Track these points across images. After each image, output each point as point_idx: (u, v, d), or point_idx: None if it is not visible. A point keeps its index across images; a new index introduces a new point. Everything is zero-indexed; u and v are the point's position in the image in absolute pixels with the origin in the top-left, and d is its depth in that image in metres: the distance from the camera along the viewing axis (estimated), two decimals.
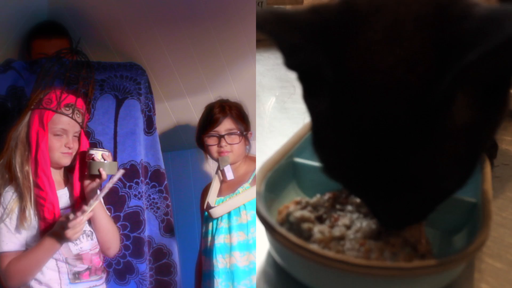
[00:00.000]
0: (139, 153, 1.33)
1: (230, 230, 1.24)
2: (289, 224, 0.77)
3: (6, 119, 1.19)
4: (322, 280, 0.68)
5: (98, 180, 1.12)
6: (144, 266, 1.28)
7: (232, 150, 1.31)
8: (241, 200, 1.25)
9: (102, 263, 1.18)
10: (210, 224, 1.28)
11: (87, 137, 1.24)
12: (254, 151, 1.34)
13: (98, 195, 1.08)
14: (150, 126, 1.37)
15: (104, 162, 1.12)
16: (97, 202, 1.07)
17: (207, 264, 1.26)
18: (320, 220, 0.78)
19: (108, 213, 1.20)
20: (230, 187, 1.31)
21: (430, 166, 0.56)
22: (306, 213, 0.77)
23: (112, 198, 1.26)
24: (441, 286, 0.68)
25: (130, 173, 1.30)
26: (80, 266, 1.11)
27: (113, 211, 1.26)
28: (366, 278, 0.62)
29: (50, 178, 1.10)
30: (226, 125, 1.31)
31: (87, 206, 1.05)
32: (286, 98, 1.46)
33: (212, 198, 1.30)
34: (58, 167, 1.15)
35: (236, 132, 1.31)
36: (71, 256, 1.10)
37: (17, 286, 1.06)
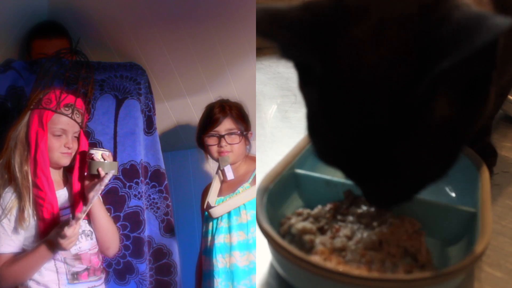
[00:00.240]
0: (139, 153, 1.33)
1: (230, 229, 1.24)
2: (291, 236, 0.78)
3: (6, 119, 1.19)
4: None
5: (97, 180, 1.12)
6: (144, 266, 1.28)
7: (232, 150, 1.31)
8: (241, 199, 1.25)
9: (101, 264, 1.18)
10: (210, 223, 1.28)
11: (87, 137, 1.23)
12: (254, 151, 1.34)
13: (90, 200, 1.07)
14: (150, 126, 1.37)
15: (103, 161, 1.11)
16: (89, 207, 1.06)
17: (207, 263, 1.26)
18: (321, 231, 0.79)
19: (107, 212, 1.19)
20: (230, 187, 1.31)
21: (412, 156, 0.59)
22: (307, 224, 0.78)
23: (112, 198, 1.26)
24: None
25: (130, 173, 1.30)
26: (78, 266, 1.11)
27: (113, 211, 1.25)
28: None
29: (49, 178, 1.10)
30: (226, 125, 1.31)
31: (80, 213, 1.04)
32: (287, 107, 1.46)
33: (212, 198, 1.30)
34: (57, 167, 1.15)
35: (236, 132, 1.31)
36: (70, 256, 1.10)
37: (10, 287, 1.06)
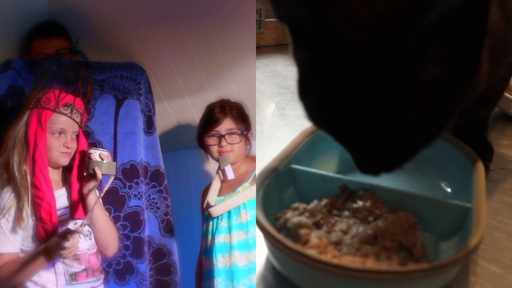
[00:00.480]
0: (139, 153, 1.33)
1: (230, 229, 1.24)
2: (286, 230, 0.79)
3: (6, 119, 1.19)
4: (319, 284, 0.69)
5: (93, 180, 1.11)
6: (144, 266, 1.27)
7: (232, 150, 1.31)
8: (241, 199, 1.25)
9: (100, 264, 1.18)
10: (210, 223, 1.28)
11: (87, 137, 1.24)
12: (254, 151, 1.34)
13: (90, 210, 1.07)
14: (150, 126, 1.37)
15: (100, 161, 1.11)
16: (88, 219, 1.06)
17: (207, 263, 1.26)
18: (317, 225, 0.80)
19: (106, 212, 1.19)
20: (230, 187, 1.31)
21: (401, 116, 0.59)
22: (303, 219, 0.79)
23: (112, 198, 1.26)
24: None
25: (130, 173, 1.30)
26: (77, 267, 1.10)
27: (113, 211, 1.26)
28: (362, 282, 0.63)
29: (47, 178, 1.10)
30: (226, 125, 1.31)
31: (82, 226, 1.04)
32: (285, 105, 1.47)
33: (212, 197, 1.30)
34: (56, 167, 1.15)
35: (236, 132, 1.31)
36: None
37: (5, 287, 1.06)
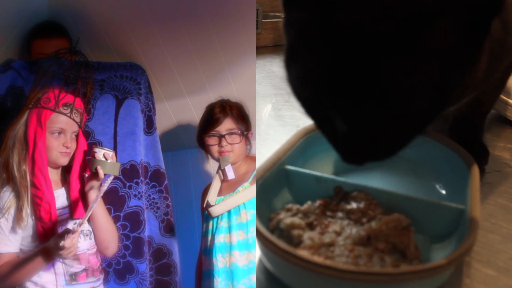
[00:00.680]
0: (139, 153, 1.33)
1: (230, 229, 1.24)
2: (279, 230, 0.78)
3: (6, 119, 1.20)
4: (312, 286, 0.69)
5: (95, 179, 1.12)
6: (144, 266, 1.28)
7: (232, 150, 1.31)
8: (240, 198, 1.25)
9: (100, 264, 1.18)
10: (210, 223, 1.28)
11: (87, 137, 1.24)
12: (254, 151, 1.34)
13: (90, 208, 1.07)
14: (150, 126, 1.37)
15: (104, 161, 1.11)
16: (86, 218, 1.06)
17: (207, 263, 1.26)
18: (310, 226, 0.79)
19: (107, 212, 1.19)
20: (230, 187, 1.31)
21: (403, 79, 0.57)
22: (296, 219, 0.78)
23: (112, 198, 1.26)
24: None
25: (130, 173, 1.30)
26: (77, 267, 1.11)
27: (113, 211, 1.26)
28: (354, 283, 0.63)
29: (47, 178, 1.10)
30: (226, 125, 1.31)
31: (79, 225, 1.04)
32: (281, 106, 1.47)
33: (212, 197, 1.30)
34: (55, 167, 1.16)
35: (236, 132, 1.32)
36: None
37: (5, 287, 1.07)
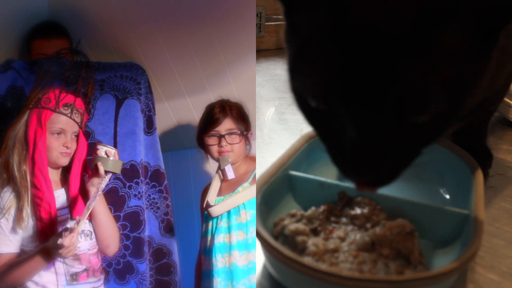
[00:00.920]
0: (139, 153, 1.33)
1: (229, 229, 1.24)
2: (283, 236, 0.78)
3: (6, 119, 1.19)
4: None
5: (95, 176, 1.12)
6: (144, 266, 1.28)
7: (232, 150, 1.31)
8: (240, 199, 1.25)
9: (100, 264, 1.18)
10: (210, 223, 1.28)
11: (87, 137, 1.24)
12: (254, 151, 1.34)
13: (87, 207, 1.07)
14: (150, 126, 1.37)
15: (105, 158, 1.11)
16: (85, 217, 1.06)
17: (207, 263, 1.26)
18: (314, 232, 0.79)
19: (108, 210, 1.19)
20: (230, 187, 1.31)
21: (419, 82, 0.55)
22: (300, 226, 0.78)
23: (112, 198, 1.26)
24: None
25: (130, 173, 1.30)
26: (77, 267, 1.11)
27: (113, 211, 1.25)
28: None
29: (47, 178, 1.10)
30: (226, 125, 1.31)
31: (77, 223, 1.03)
32: (284, 109, 1.47)
33: (212, 197, 1.30)
34: (56, 167, 1.15)
35: (236, 132, 1.32)
36: None
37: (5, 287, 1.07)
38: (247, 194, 1.25)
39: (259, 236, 0.70)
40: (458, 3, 0.53)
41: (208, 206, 1.27)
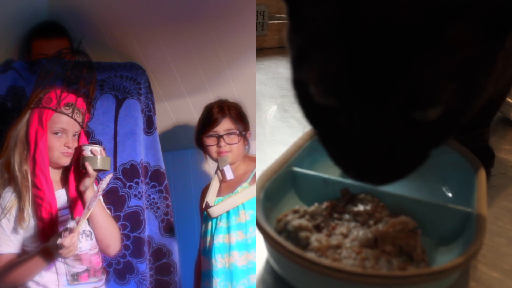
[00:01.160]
0: (139, 153, 1.33)
1: (229, 229, 1.24)
2: (287, 232, 0.78)
3: (6, 119, 1.19)
4: None
5: (86, 177, 1.11)
6: (144, 266, 1.28)
7: (231, 150, 1.31)
8: (239, 199, 1.25)
9: (101, 264, 1.18)
10: (209, 223, 1.28)
11: (87, 137, 1.24)
12: (253, 151, 1.34)
13: (87, 207, 1.06)
14: (150, 126, 1.37)
15: (92, 157, 1.11)
16: (86, 217, 1.06)
17: (206, 264, 1.26)
18: (317, 228, 0.79)
19: (106, 210, 1.19)
20: (229, 187, 1.31)
21: (431, 76, 0.55)
22: (303, 221, 0.78)
23: (112, 198, 1.26)
24: None
25: (130, 173, 1.30)
26: (79, 267, 1.11)
27: (113, 211, 1.26)
28: (362, 286, 0.63)
29: (48, 178, 1.10)
30: (225, 125, 1.31)
31: (77, 224, 1.03)
32: (287, 107, 1.48)
33: (211, 198, 1.30)
34: (57, 167, 1.15)
35: (235, 132, 1.32)
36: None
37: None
38: (247, 194, 1.25)
39: (263, 231, 0.70)
40: (467, 2, 0.54)
41: (207, 206, 1.27)
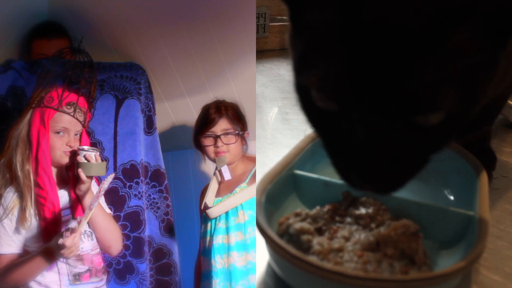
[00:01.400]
0: (139, 153, 1.33)
1: (227, 230, 1.24)
2: (288, 235, 0.78)
3: (6, 119, 1.19)
4: None
5: (80, 182, 1.10)
6: (144, 266, 1.28)
7: (228, 150, 1.31)
8: (238, 199, 1.25)
9: (103, 264, 1.18)
10: (209, 224, 1.28)
11: (88, 136, 1.23)
12: (252, 151, 1.34)
13: (89, 207, 1.05)
14: (150, 126, 1.37)
15: (85, 163, 1.09)
16: (88, 217, 1.05)
17: (206, 264, 1.27)
18: (319, 232, 0.80)
19: (106, 211, 1.19)
20: (228, 187, 1.31)
21: (433, 80, 0.55)
22: (305, 225, 0.79)
23: (112, 198, 1.26)
24: None
25: (130, 173, 1.30)
26: (80, 267, 1.11)
27: (113, 211, 1.26)
28: None
29: (50, 177, 1.10)
30: (222, 125, 1.31)
31: (79, 224, 1.03)
32: (288, 109, 1.48)
33: (210, 198, 1.30)
34: (58, 166, 1.15)
35: (232, 132, 1.31)
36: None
37: None
38: (245, 194, 1.25)
39: (265, 234, 0.70)
40: (468, 6, 0.54)
41: (206, 207, 1.27)
